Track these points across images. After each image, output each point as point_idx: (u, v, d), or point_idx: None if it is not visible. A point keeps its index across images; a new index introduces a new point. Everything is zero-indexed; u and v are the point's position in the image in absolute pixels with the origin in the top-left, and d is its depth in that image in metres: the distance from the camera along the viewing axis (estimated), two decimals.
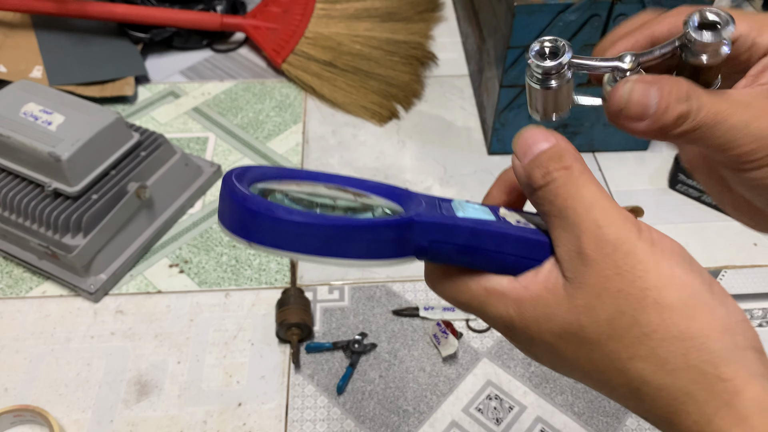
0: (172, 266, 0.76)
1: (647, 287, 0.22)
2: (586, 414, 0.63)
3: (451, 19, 1.17)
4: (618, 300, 0.22)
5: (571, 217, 0.23)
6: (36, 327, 0.70)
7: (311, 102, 0.99)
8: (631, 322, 0.22)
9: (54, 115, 0.71)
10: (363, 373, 0.66)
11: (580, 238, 0.23)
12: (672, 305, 0.22)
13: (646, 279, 0.22)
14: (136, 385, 0.65)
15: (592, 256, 0.23)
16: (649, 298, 0.22)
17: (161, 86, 1.02)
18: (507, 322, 0.25)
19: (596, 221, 0.23)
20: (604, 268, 0.22)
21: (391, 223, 0.24)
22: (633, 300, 0.22)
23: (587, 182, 0.24)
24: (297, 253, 0.23)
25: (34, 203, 0.70)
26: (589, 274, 0.23)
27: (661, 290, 0.22)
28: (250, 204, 0.23)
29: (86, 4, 0.97)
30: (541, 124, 0.27)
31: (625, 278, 0.22)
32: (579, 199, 0.23)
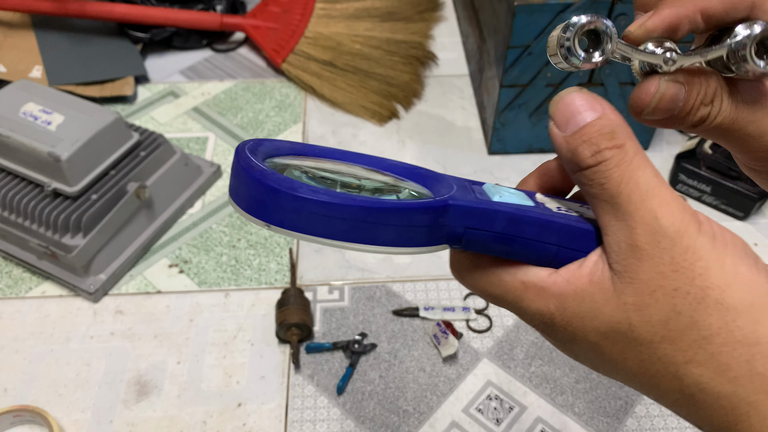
0: (172, 266, 0.76)
1: (708, 286, 0.20)
2: (587, 414, 0.63)
3: (451, 18, 1.17)
4: (675, 299, 0.20)
5: (625, 204, 0.21)
6: (35, 327, 0.70)
7: (311, 102, 0.99)
8: (688, 324, 0.20)
9: (53, 114, 0.71)
10: (363, 374, 0.66)
11: (635, 229, 0.21)
12: (736, 306, 0.20)
13: (707, 277, 0.20)
14: (135, 385, 0.65)
15: (647, 250, 0.20)
16: (710, 298, 0.20)
17: (161, 86, 1.01)
18: (546, 318, 0.23)
19: (653, 211, 0.21)
20: (659, 263, 0.20)
21: (425, 207, 0.22)
22: (692, 300, 0.20)
23: (643, 165, 0.21)
24: (320, 238, 0.21)
25: (33, 203, 0.70)
26: (643, 270, 0.20)
27: (724, 290, 0.20)
28: (270, 180, 0.21)
29: (86, 3, 0.97)
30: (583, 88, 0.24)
31: (683, 276, 0.20)
32: (634, 184, 0.21)
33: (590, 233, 0.23)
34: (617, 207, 0.21)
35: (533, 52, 0.78)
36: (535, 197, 0.25)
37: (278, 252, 0.78)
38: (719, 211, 0.82)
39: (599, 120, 0.22)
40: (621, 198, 0.21)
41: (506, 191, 0.25)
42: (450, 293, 0.73)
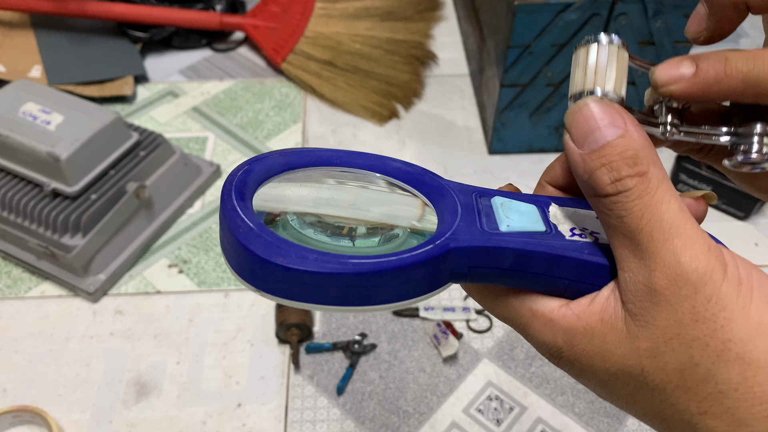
0: (171, 266, 0.76)
1: (730, 339, 0.19)
2: (587, 415, 0.63)
3: (452, 18, 1.17)
4: (692, 350, 0.19)
5: (645, 243, 0.19)
6: (35, 327, 0.70)
7: (311, 101, 0.99)
8: (705, 376, 0.19)
9: (53, 114, 0.71)
10: (363, 374, 0.66)
11: (654, 271, 0.19)
12: (758, 361, 0.19)
13: (729, 329, 0.19)
14: (135, 385, 0.65)
15: (667, 296, 0.19)
16: (731, 352, 0.19)
17: (160, 86, 1.01)
18: (553, 351, 0.22)
19: (675, 253, 0.19)
20: (679, 311, 0.19)
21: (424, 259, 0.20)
22: (711, 352, 0.19)
23: (667, 197, 0.19)
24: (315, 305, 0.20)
25: (32, 203, 0.70)
26: (660, 316, 0.19)
27: (747, 343, 0.19)
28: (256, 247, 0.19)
29: (85, 3, 0.97)
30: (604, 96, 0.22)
31: (704, 326, 0.19)
32: (657, 221, 0.19)
33: (604, 268, 0.22)
34: (637, 244, 0.20)
35: (533, 51, 0.78)
36: (548, 213, 0.23)
37: None
38: (720, 211, 0.82)
39: (621, 140, 0.20)
40: (642, 235, 0.19)
41: (515, 210, 0.23)
42: (450, 293, 0.73)
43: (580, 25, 0.76)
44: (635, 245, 0.20)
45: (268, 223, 0.22)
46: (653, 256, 0.19)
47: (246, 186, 0.22)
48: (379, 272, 0.20)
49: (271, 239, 0.20)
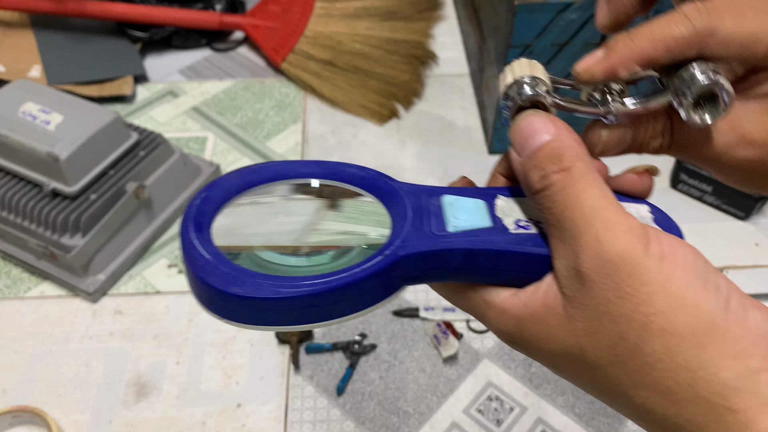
0: (171, 266, 0.76)
1: (652, 312, 0.20)
2: (587, 415, 0.63)
3: (452, 17, 1.17)
4: (620, 326, 0.20)
5: (569, 229, 0.21)
6: (34, 327, 0.70)
7: (311, 101, 0.99)
8: (634, 350, 0.20)
9: (52, 114, 0.71)
10: (363, 374, 0.66)
11: (579, 255, 0.21)
12: (680, 332, 0.20)
13: (651, 303, 0.20)
14: (134, 385, 0.65)
15: (591, 277, 0.21)
16: (653, 325, 0.20)
17: (160, 85, 1.01)
18: (507, 336, 0.24)
19: (596, 235, 0.21)
20: (604, 290, 0.20)
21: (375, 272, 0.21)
22: (636, 326, 0.20)
23: (588, 186, 0.21)
24: (278, 327, 0.21)
25: (32, 203, 0.70)
26: (589, 296, 0.21)
27: (668, 315, 0.20)
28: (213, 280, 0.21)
29: (85, 3, 0.97)
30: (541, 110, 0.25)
31: (628, 302, 0.20)
32: (578, 207, 0.21)
33: (545, 258, 0.23)
34: (563, 231, 0.21)
35: (534, 51, 0.78)
36: (494, 206, 0.25)
37: None
38: (720, 210, 0.82)
39: (550, 143, 0.23)
40: (565, 222, 0.21)
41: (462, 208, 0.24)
42: None
43: (581, 25, 0.76)
44: (562, 232, 0.22)
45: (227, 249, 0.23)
46: (578, 240, 0.21)
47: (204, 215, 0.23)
48: (331, 291, 0.21)
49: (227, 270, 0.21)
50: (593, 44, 0.78)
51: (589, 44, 0.78)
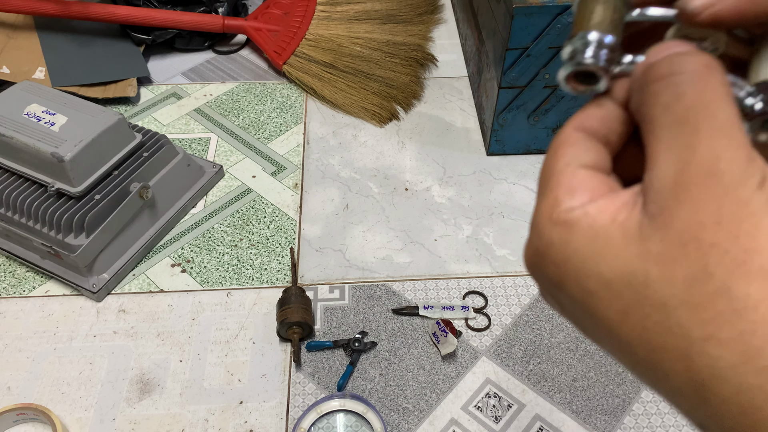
0: (174, 266, 0.77)
1: (755, 249, 0.16)
2: (585, 412, 0.64)
3: (451, 21, 1.18)
4: (708, 257, 0.16)
5: (689, 134, 0.17)
6: (39, 326, 0.71)
7: (312, 103, 1.00)
8: (719, 290, 0.16)
9: (57, 116, 0.72)
10: (363, 372, 0.67)
11: (689, 164, 0.17)
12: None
13: (755, 238, 0.16)
14: (138, 383, 0.66)
15: (694, 193, 0.16)
16: (753, 263, 0.16)
17: (163, 87, 1.02)
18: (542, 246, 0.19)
19: (717, 150, 0.17)
20: (703, 211, 0.16)
21: None
22: (730, 261, 0.16)
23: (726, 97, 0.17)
24: None
25: (37, 203, 0.71)
26: (681, 216, 0.17)
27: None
28: None
29: (89, 5, 0.98)
30: None
31: (726, 231, 0.16)
32: (710, 113, 0.17)
33: None
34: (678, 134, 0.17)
35: (531, 54, 0.79)
36: None
37: (279, 251, 0.78)
38: None
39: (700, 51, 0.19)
40: (687, 125, 0.17)
41: None
42: (449, 292, 0.74)
43: None
44: (676, 136, 0.17)
45: None
46: (694, 149, 0.17)
47: None
48: None
49: None
50: None
51: None
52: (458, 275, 0.76)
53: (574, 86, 0.21)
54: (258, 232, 0.81)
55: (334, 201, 0.85)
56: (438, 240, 0.80)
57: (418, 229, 0.81)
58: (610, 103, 0.21)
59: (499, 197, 0.85)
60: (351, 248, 0.79)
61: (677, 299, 0.16)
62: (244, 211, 0.83)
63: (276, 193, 0.86)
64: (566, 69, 0.20)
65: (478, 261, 0.77)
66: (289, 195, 0.85)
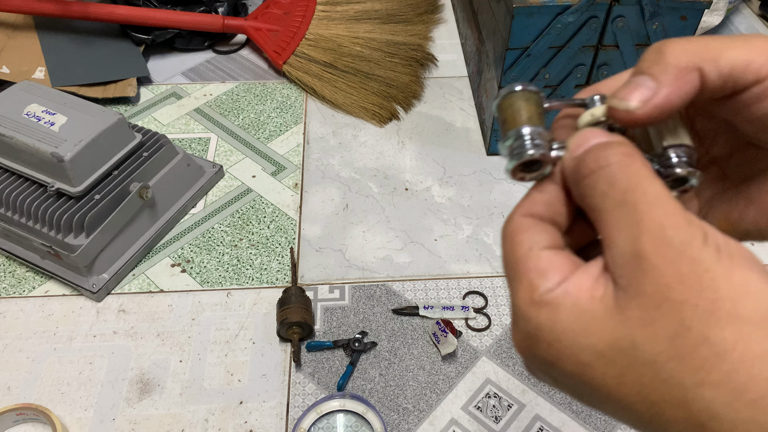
0: (174, 266, 0.77)
1: (719, 298, 0.18)
2: (585, 412, 0.64)
3: (451, 21, 1.18)
4: (683, 313, 0.18)
5: (631, 213, 0.19)
6: (39, 326, 0.71)
7: (312, 103, 1.00)
8: (699, 340, 0.18)
9: (57, 115, 0.72)
10: (363, 372, 0.67)
11: (639, 238, 0.19)
12: (752, 318, 0.18)
13: (716, 289, 0.18)
14: (138, 383, 0.66)
15: (653, 261, 0.19)
16: (721, 311, 0.18)
17: (163, 87, 1.02)
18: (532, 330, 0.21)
19: (660, 221, 0.19)
20: (665, 275, 0.18)
21: None
22: (701, 313, 0.18)
23: (651, 175, 0.20)
24: None
25: (37, 203, 0.71)
26: (648, 282, 0.19)
27: (736, 301, 0.18)
28: None
29: (88, 5, 0.98)
30: None
31: (690, 288, 0.18)
32: (641, 192, 0.20)
33: None
34: (622, 215, 0.20)
35: (531, 53, 0.79)
36: None
37: (279, 251, 0.78)
38: None
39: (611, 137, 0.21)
40: (627, 206, 0.20)
41: None
42: (449, 292, 0.74)
43: (578, 28, 0.77)
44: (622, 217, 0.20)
45: None
46: (639, 225, 0.19)
47: None
48: None
49: None
50: (590, 47, 0.79)
51: (586, 47, 0.79)
52: (458, 275, 0.76)
53: (521, 177, 0.23)
54: (258, 232, 0.81)
55: (334, 201, 0.85)
56: (438, 240, 0.80)
57: (418, 229, 0.81)
58: (551, 186, 0.23)
59: (499, 197, 0.85)
60: (351, 248, 0.79)
61: (665, 354, 0.18)
62: (244, 211, 0.83)
63: (276, 193, 0.86)
64: (512, 163, 0.23)
65: (478, 261, 0.77)
66: (289, 195, 0.85)
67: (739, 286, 0.18)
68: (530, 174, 0.23)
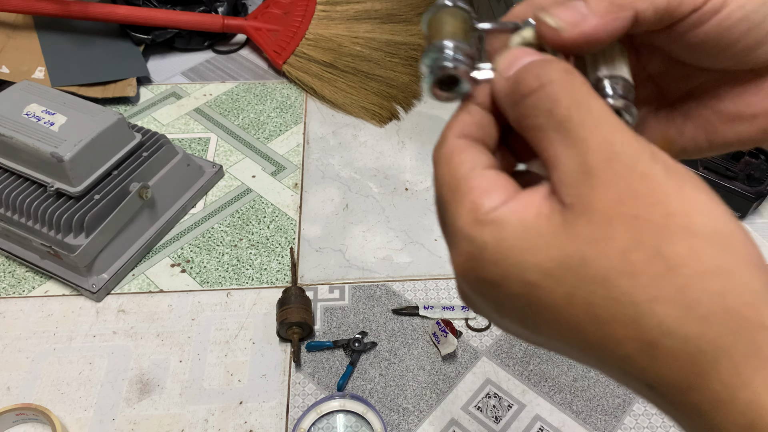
0: (174, 266, 0.77)
1: (671, 212, 0.18)
2: (585, 412, 0.63)
3: None
4: (634, 228, 0.18)
5: (576, 129, 0.19)
6: (38, 326, 0.70)
7: (312, 103, 1.00)
8: (652, 254, 0.17)
9: (56, 115, 0.72)
10: (363, 372, 0.67)
11: (587, 155, 0.18)
12: (703, 233, 0.17)
13: (668, 204, 0.18)
14: (137, 383, 0.66)
15: (602, 177, 0.18)
16: (674, 225, 0.17)
17: (163, 87, 1.02)
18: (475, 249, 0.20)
19: (606, 137, 0.19)
20: (616, 189, 0.18)
21: None
22: (654, 227, 0.17)
23: (593, 93, 0.20)
24: None
25: (36, 203, 0.71)
26: (598, 198, 0.18)
27: (688, 216, 0.18)
28: None
29: (88, 5, 0.98)
30: None
31: (643, 202, 0.18)
32: (586, 109, 0.19)
33: None
34: (568, 133, 0.19)
35: None
36: None
37: (279, 251, 0.78)
38: None
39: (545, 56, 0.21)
40: (572, 123, 0.19)
41: None
42: (449, 292, 0.74)
43: None
44: (566, 134, 0.19)
45: None
46: (586, 141, 0.19)
47: None
48: None
49: None
50: None
51: None
52: None
53: (438, 94, 0.22)
54: (258, 232, 0.81)
55: (334, 201, 0.85)
56: (438, 240, 0.80)
57: (418, 229, 0.81)
58: (477, 108, 0.22)
59: None
60: (351, 248, 0.79)
61: (616, 271, 0.18)
62: (243, 211, 0.83)
63: (276, 193, 0.85)
64: (430, 77, 0.22)
65: None
66: (288, 195, 0.85)
67: (690, 202, 0.18)
68: (451, 93, 0.22)
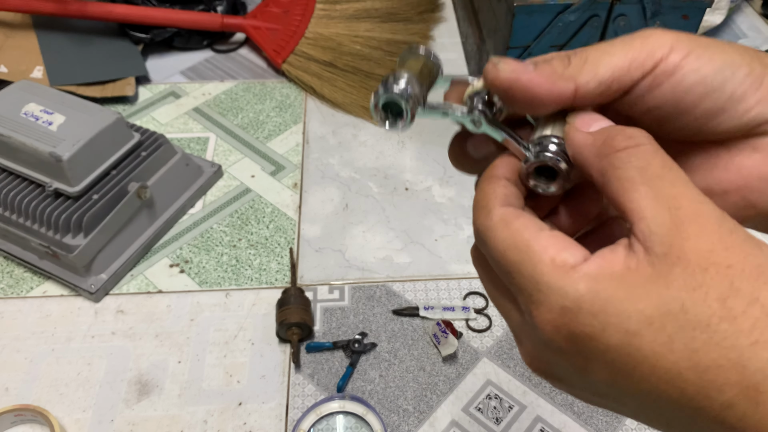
0: (173, 266, 0.76)
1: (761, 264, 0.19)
2: (586, 413, 0.63)
3: (451, 19, 1.17)
4: (730, 276, 0.18)
5: (668, 187, 0.20)
6: (37, 327, 0.70)
7: (311, 102, 1.00)
8: (750, 301, 0.18)
9: (55, 115, 0.71)
10: (363, 373, 0.66)
11: (680, 209, 0.19)
12: None
13: (757, 255, 0.19)
14: (136, 384, 0.65)
15: (694, 229, 0.19)
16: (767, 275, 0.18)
17: (162, 86, 1.02)
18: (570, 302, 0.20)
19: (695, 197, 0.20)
20: (709, 241, 0.19)
21: None
22: (748, 276, 0.18)
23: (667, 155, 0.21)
24: None
25: (34, 203, 0.70)
26: (691, 249, 0.19)
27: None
28: None
29: (87, 4, 0.98)
30: None
31: (734, 253, 0.19)
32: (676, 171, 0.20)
33: None
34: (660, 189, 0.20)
35: (533, 52, 0.78)
36: None
37: (279, 252, 0.78)
38: None
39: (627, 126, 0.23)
40: (664, 181, 0.20)
41: None
42: (450, 293, 0.74)
43: (579, 27, 0.76)
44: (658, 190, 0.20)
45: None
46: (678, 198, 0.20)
47: None
48: None
49: None
50: None
51: None
52: (459, 276, 0.75)
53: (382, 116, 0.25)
54: (257, 232, 0.80)
55: (334, 201, 0.85)
56: (438, 240, 0.80)
57: (419, 229, 0.81)
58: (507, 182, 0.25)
59: None
60: (351, 248, 0.79)
61: (717, 316, 0.18)
62: (242, 211, 0.83)
63: (275, 193, 0.85)
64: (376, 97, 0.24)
65: None
66: (288, 195, 0.85)
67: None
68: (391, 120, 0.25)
